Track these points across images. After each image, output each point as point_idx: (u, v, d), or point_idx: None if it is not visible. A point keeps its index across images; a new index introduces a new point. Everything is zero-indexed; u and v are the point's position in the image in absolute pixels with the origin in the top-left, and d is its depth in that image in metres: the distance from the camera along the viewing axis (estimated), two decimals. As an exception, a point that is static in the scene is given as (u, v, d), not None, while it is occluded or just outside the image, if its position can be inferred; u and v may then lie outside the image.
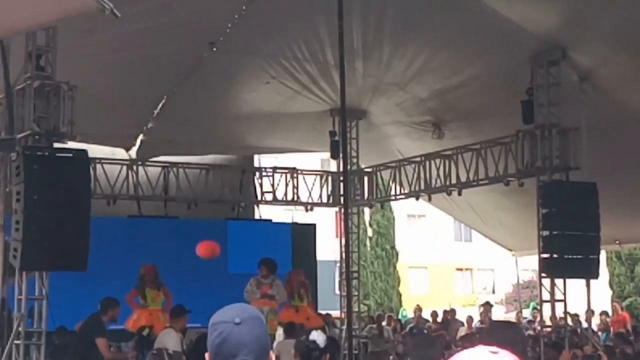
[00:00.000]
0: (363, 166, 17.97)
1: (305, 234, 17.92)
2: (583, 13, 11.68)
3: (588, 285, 13.55)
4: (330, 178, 18.03)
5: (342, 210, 16.14)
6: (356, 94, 14.89)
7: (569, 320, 14.44)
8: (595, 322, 18.92)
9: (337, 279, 23.06)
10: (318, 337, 5.19)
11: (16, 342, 10.08)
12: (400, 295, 33.41)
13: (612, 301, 24.33)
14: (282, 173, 17.48)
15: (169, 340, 10.24)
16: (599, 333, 18.75)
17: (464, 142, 15.26)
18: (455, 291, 43.58)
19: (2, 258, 10.86)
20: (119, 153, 15.91)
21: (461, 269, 45.47)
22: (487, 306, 19.60)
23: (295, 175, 17.51)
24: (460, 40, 12.87)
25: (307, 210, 17.86)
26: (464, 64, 13.69)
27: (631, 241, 19.11)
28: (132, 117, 14.90)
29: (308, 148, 18.64)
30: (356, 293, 17.35)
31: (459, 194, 15.67)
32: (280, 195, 17.34)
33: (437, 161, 15.81)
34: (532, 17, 11.96)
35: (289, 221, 20.31)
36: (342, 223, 16.19)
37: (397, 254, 33.80)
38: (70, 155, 10.51)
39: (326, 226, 24.70)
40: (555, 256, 12.80)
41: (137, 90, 13.70)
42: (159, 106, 14.85)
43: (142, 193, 15.84)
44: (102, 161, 15.14)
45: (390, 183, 17.50)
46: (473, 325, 18.18)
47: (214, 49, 13.16)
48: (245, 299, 12.54)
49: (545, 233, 12.89)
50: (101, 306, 10.92)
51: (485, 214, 18.38)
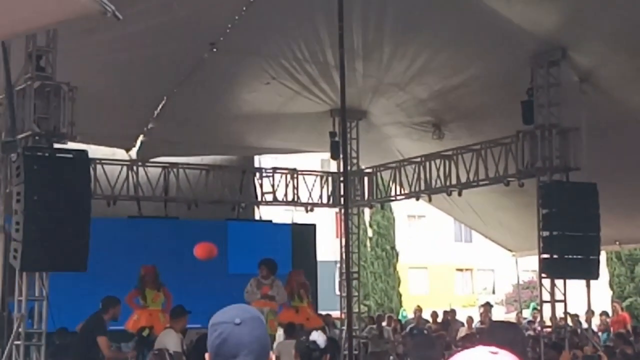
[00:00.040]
0: (363, 167, 17.97)
1: (305, 235, 17.91)
2: (583, 13, 11.68)
3: (588, 285, 13.53)
4: (330, 178, 18.02)
5: (342, 210, 16.14)
6: (356, 95, 14.89)
7: (569, 320, 14.43)
8: (595, 323, 18.91)
9: (337, 280, 23.04)
10: (318, 338, 5.19)
11: (16, 343, 10.07)
12: (400, 295, 33.41)
13: (612, 302, 24.32)
14: (282, 173, 17.48)
15: (169, 340, 10.22)
16: (599, 333, 18.75)
17: (464, 143, 15.25)
18: (455, 292, 43.58)
19: (2, 258, 10.85)
20: (119, 154, 15.91)
21: (461, 270, 45.47)
22: (487, 306, 19.59)
23: (295, 175, 17.50)
24: (460, 40, 12.86)
25: (307, 210, 17.85)
26: (464, 65, 13.69)
27: (631, 242, 19.08)
28: (133, 118, 14.89)
29: (308, 148, 18.64)
30: (356, 293, 17.34)
31: (459, 195, 15.67)
32: (280, 195, 17.34)
33: (437, 162, 15.81)
34: (532, 18, 11.95)
35: (289, 222, 20.31)
36: (342, 223, 16.18)
37: (397, 255, 33.80)
38: (70, 155, 10.51)
39: (326, 227, 24.70)
40: (555, 257, 12.80)
41: (138, 90, 13.70)
42: (159, 107, 14.84)
43: (142, 194, 15.83)
44: (103, 162, 15.13)
45: (390, 183, 17.50)
46: (473, 325, 18.17)
47: (214, 50, 13.16)
48: (245, 300, 12.54)
49: (545, 233, 12.89)
50: (102, 305, 10.94)
51: (485, 215, 18.38)
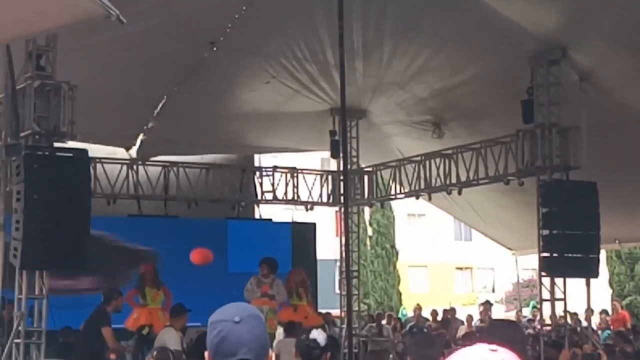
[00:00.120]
0: (363, 165, 17.97)
1: (305, 233, 17.91)
2: (583, 13, 11.68)
3: (588, 284, 13.54)
4: (330, 177, 18.03)
5: (342, 209, 16.15)
6: (356, 94, 14.89)
7: (569, 319, 14.44)
8: (595, 321, 18.92)
9: (337, 278, 23.05)
10: (319, 336, 5.18)
11: (16, 341, 10.08)
12: (400, 294, 33.40)
13: (612, 300, 24.36)
14: (282, 172, 17.48)
15: (169, 339, 10.21)
16: (599, 332, 18.75)
17: (464, 142, 15.25)
18: (455, 290, 43.55)
19: (2, 257, 10.86)
20: (119, 152, 15.90)
21: (461, 268, 45.46)
22: (487, 305, 19.58)
23: (295, 174, 17.50)
24: (460, 39, 12.87)
25: (307, 209, 17.85)
26: (464, 64, 13.69)
27: (631, 240, 19.09)
28: (133, 117, 14.89)
29: (308, 147, 18.64)
30: (356, 292, 17.34)
31: (459, 193, 15.67)
32: (280, 194, 17.34)
33: (437, 160, 15.81)
34: (533, 17, 11.96)
35: (289, 220, 20.32)
36: (342, 222, 16.19)
37: (397, 253, 33.79)
38: (70, 154, 10.52)
39: (326, 225, 24.69)
40: (555, 255, 12.80)
41: (138, 89, 13.70)
42: (160, 106, 14.84)
43: (142, 192, 15.83)
44: (103, 160, 15.13)
45: (390, 182, 17.50)
46: (473, 324, 18.17)
47: (215, 49, 13.17)
48: (245, 298, 12.55)
49: (545, 232, 12.89)
50: (105, 297, 11.00)
51: (485, 213, 18.38)
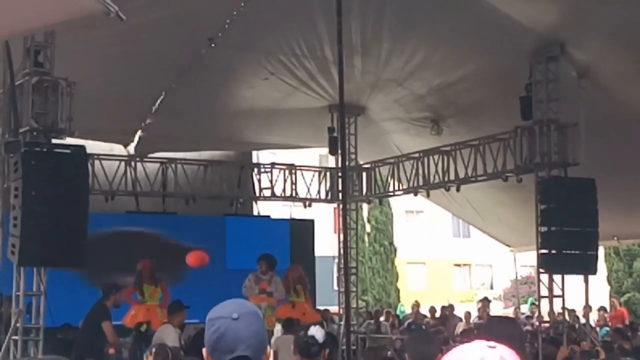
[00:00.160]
0: (361, 162, 17.97)
1: (303, 230, 17.90)
2: (582, 9, 11.66)
3: (586, 281, 13.54)
4: (328, 174, 18.03)
5: (341, 206, 16.17)
6: (355, 90, 14.88)
7: (567, 315, 14.44)
8: (593, 318, 18.94)
9: (336, 275, 23.01)
10: (317, 333, 5.16)
11: (14, 338, 10.07)
12: (398, 291, 33.41)
13: (611, 297, 24.38)
14: (281, 169, 17.47)
15: (167, 335, 10.21)
16: (597, 329, 18.78)
17: (463, 138, 15.25)
18: (453, 287, 43.62)
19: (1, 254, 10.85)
20: (117, 149, 15.89)
21: (459, 265, 45.52)
22: (485, 302, 19.63)
23: (293, 171, 17.49)
24: (458, 36, 12.85)
25: (306, 206, 17.84)
26: (463, 60, 13.68)
27: (629, 237, 19.10)
28: (131, 113, 14.87)
29: (306, 144, 18.62)
30: (354, 289, 17.34)
31: (458, 190, 15.68)
32: (278, 191, 17.34)
33: (436, 157, 15.80)
34: (531, 13, 11.94)
35: (287, 217, 20.31)
36: (341, 219, 16.21)
37: (395, 250, 33.80)
38: (68, 151, 10.49)
39: (324, 222, 24.65)
40: (553, 252, 12.80)
41: (136, 86, 13.67)
42: (158, 102, 14.82)
43: (141, 189, 15.81)
44: (101, 157, 15.10)
45: (388, 179, 17.49)
46: (471, 320, 18.19)
47: (213, 45, 13.15)
48: (243, 295, 12.55)
49: (543, 229, 12.89)
50: (103, 292, 11.00)
51: (483, 210, 18.38)
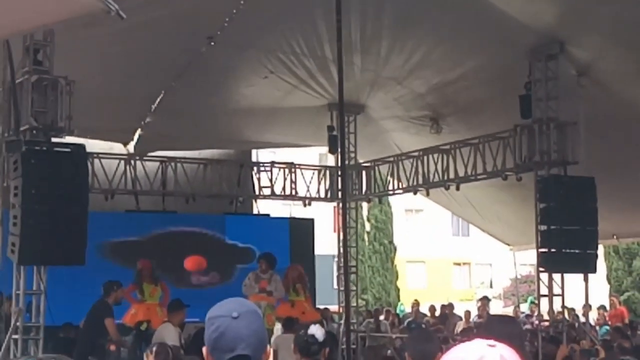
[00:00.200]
0: (361, 161, 17.96)
1: (303, 229, 17.90)
2: (581, 7, 11.65)
3: (586, 279, 13.54)
4: (328, 173, 18.02)
5: (340, 205, 16.17)
6: (354, 89, 14.87)
7: (567, 314, 14.44)
8: (593, 317, 18.93)
9: (335, 274, 22.98)
10: (317, 331, 5.16)
11: (14, 337, 10.07)
12: (398, 289, 33.40)
13: (610, 295, 24.37)
14: (280, 168, 17.46)
15: (167, 334, 10.21)
16: (597, 327, 18.77)
17: (462, 137, 15.24)
18: (453, 286, 43.63)
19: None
20: (117, 148, 15.89)
21: (459, 264, 45.52)
22: (485, 300, 19.61)
23: (293, 170, 17.49)
24: (458, 34, 12.84)
25: (305, 205, 17.83)
26: (462, 59, 13.67)
27: (629, 235, 19.09)
28: (130, 112, 14.87)
29: (306, 143, 18.62)
30: (354, 288, 17.34)
31: (457, 189, 15.66)
32: (278, 190, 17.33)
33: (435, 156, 15.80)
34: (531, 11, 11.94)
35: (287, 216, 20.31)
36: (340, 218, 16.19)
37: (395, 249, 33.79)
38: (68, 149, 10.49)
39: (324, 221, 24.61)
40: (553, 251, 12.79)
41: (135, 84, 13.67)
42: (157, 101, 14.82)
43: (140, 188, 15.82)
44: (100, 156, 15.11)
45: (388, 178, 17.49)
46: (471, 319, 18.18)
47: (212, 44, 13.14)
48: (243, 294, 12.55)
49: (543, 227, 12.89)
50: (104, 290, 11.05)
51: (483, 209, 18.38)
